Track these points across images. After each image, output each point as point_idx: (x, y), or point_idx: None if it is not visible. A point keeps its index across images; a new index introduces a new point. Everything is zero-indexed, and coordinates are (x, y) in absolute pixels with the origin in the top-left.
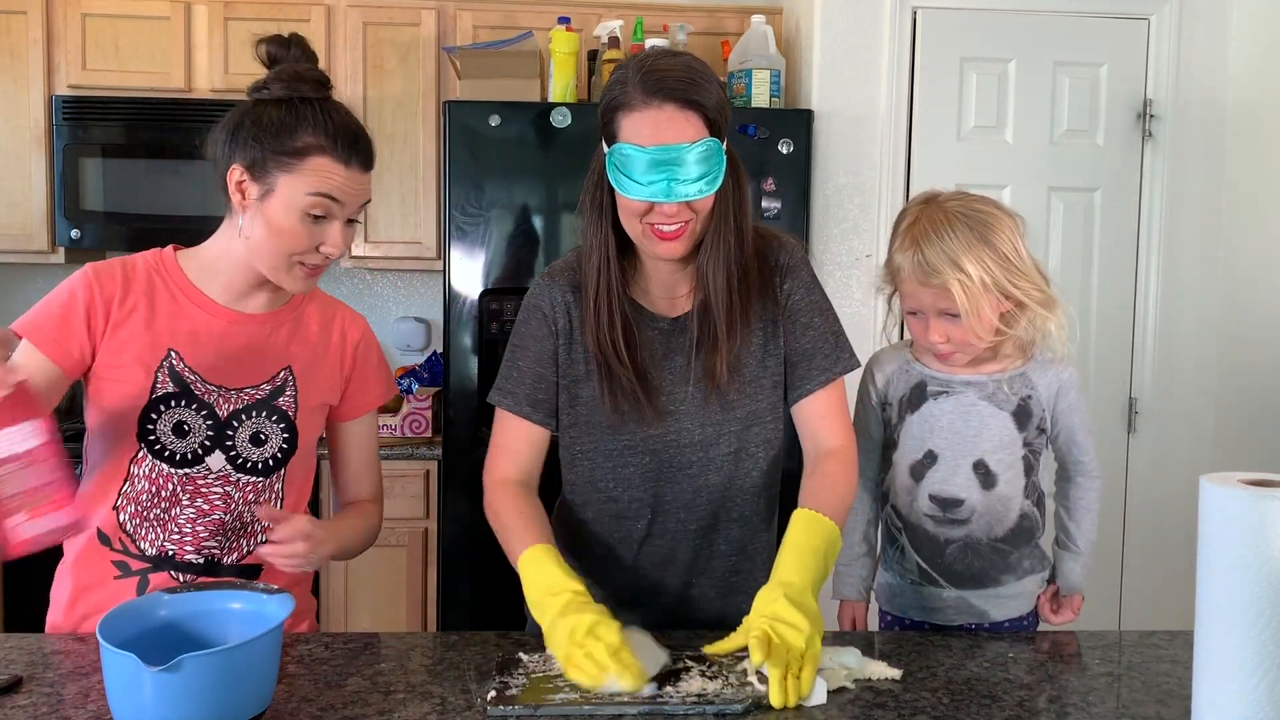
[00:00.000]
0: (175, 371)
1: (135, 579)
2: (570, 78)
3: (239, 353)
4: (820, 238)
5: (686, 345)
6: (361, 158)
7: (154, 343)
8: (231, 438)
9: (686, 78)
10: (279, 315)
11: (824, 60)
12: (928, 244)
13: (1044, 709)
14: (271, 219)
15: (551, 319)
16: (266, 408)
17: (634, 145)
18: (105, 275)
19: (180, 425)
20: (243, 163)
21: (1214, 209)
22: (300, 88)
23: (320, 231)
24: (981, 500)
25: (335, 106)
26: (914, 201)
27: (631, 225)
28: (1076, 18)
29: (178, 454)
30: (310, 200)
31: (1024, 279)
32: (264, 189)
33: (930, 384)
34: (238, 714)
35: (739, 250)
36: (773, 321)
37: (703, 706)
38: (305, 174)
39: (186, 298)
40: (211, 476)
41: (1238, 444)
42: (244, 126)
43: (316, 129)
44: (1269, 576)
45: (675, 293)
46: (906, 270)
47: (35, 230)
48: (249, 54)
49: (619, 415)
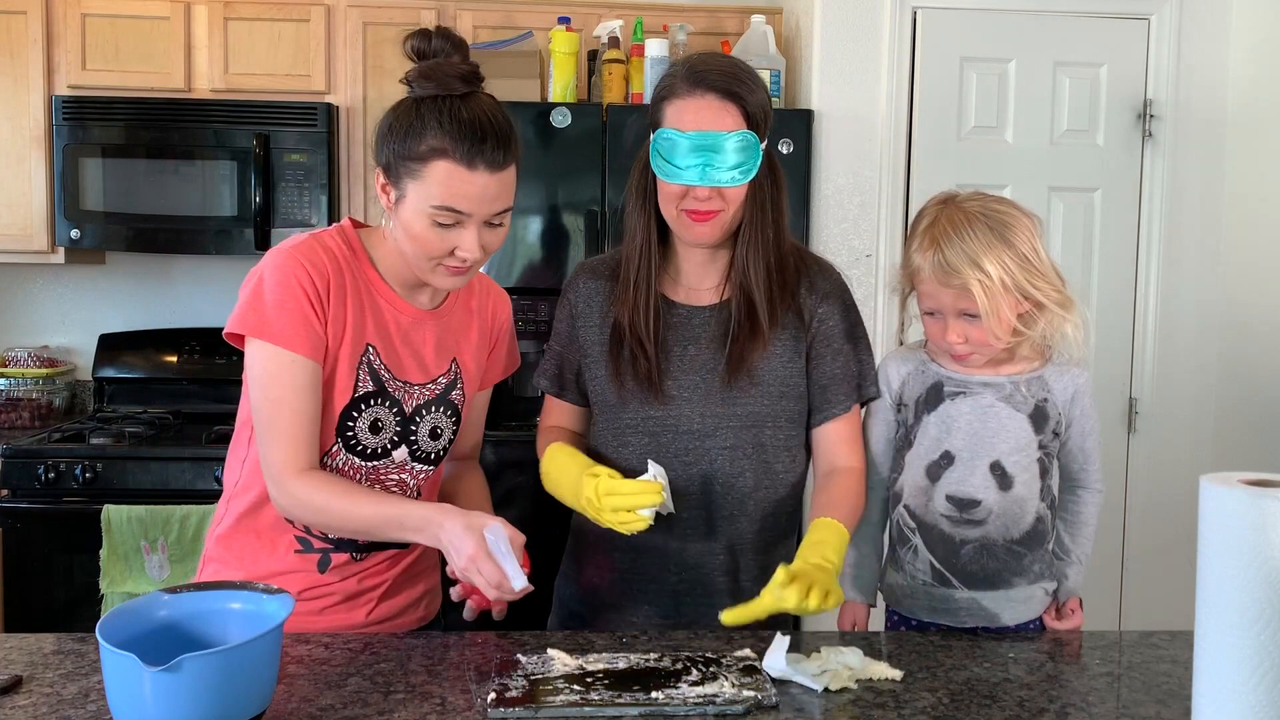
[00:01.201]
0: (373, 369)
1: (317, 555)
2: (570, 78)
3: (420, 348)
4: (820, 238)
5: (701, 337)
6: (489, 159)
7: (356, 338)
8: (415, 433)
9: (730, 73)
10: (448, 307)
11: (824, 60)
12: (948, 244)
13: (1044, 709)
14: (407, 225)
15: (573, 305)
16: (443, 403)
17: (675, 130)
18: (313, 262)
19: (375, 423)
20: (382, 166)
21: (1214, 209)
22: (431, 85)
23: (453, 236)
24: (998, 501)
25: (469, 103)
26: (931, 202)
27: (668, 209)
28: (1076, 18)
29: (369, 449)
30: (434, 211)
31: (1042, 279)
32: (398, 195)
33: (947, 384)
34: (238, 714)
35: (777, 247)
36: (794, 338)
37: (703, 707)
38: (428, 182)
39: (375, 291)
40: (393, 466)
41: (1238, 444)
42: (384, 129)
43: (440, 131)
44: (1269, 576)
45: (702, 284)
46: (926, 271)
47: (35, 230)
48: (249, 54)
49: (623, 391)
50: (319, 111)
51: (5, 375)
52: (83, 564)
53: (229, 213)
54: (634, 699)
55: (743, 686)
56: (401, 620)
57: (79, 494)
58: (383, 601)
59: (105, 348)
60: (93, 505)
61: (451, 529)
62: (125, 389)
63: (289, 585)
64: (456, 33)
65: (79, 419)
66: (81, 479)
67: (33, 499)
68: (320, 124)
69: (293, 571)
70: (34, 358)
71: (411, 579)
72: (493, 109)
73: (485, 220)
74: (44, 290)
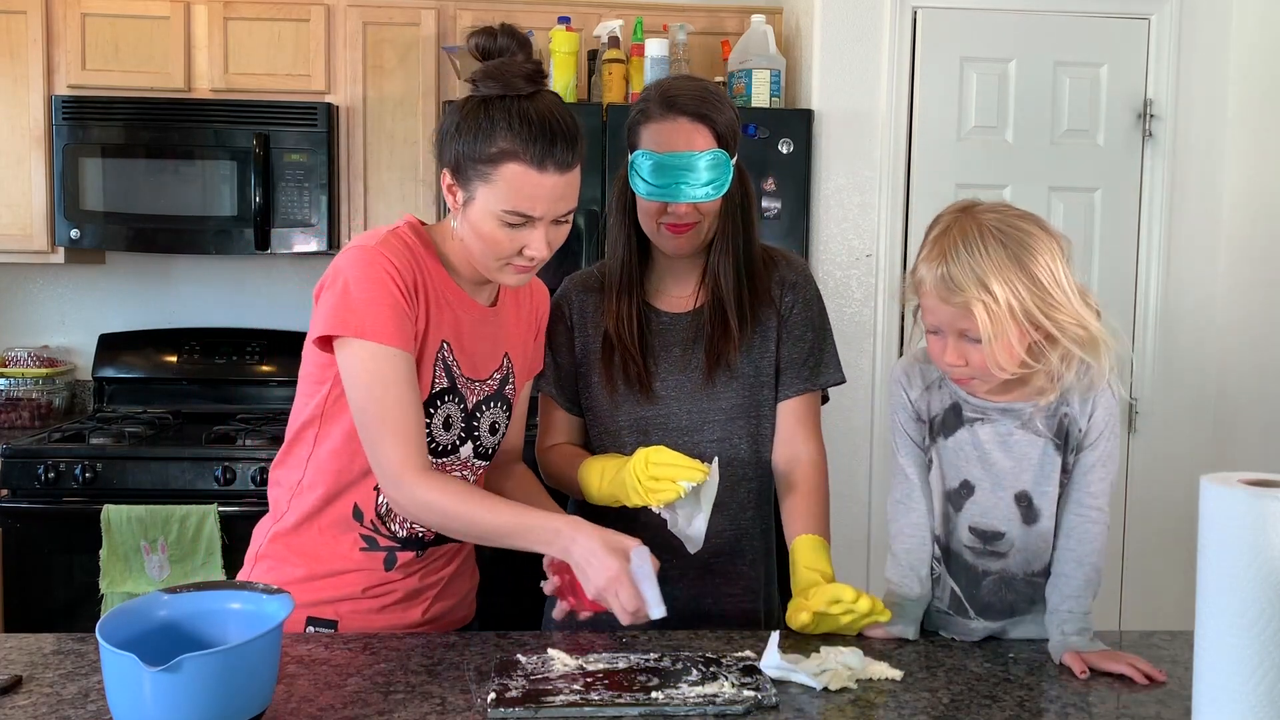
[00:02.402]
0: (447, 365)
1: (383, 554)
2: (570, 78)
3: (479, 345)
4: (820, 238)
5: (683, 340)
6: (559, 159)
7: (434, 335)
8: (477, 428)
9: (700, 96)
10: (500, 303)
11: (824, 60)
12: (955, 258)
13: (1044, 709)
14: (475, 226)
15: (568, 317)
16: (500, 398)
17: (650, 152)
18: (398, 255)
19: (448, 420)
20: (450, 167)
21: (1214, 209)
22: (496, 85)
23: (522, 236)
24: (1021, 534)
25: (536, 103)
26: (950, 209)
27: (648, 224)
28: (1076, 18)
29: (442, 446)
30: (505, 213)
31: (1060, 311)
32: (467, 196)
33: (965, 408)
34: (238, 714)
35: (747, 253)
36: (770, 329)
37: (703, 708)
38: (498, 185)
39: (444, 288)
40: (458, 462)
41: (1238, 444)
42: (450, 128)
43: (509, 132)
44: (1269, 576)
45: (682, 291)
46: (928, 284)
47: (35, 230)
48: (249, 54)
49: (615, 394)
50: (319, 111)
51: (5, 375)
52: (83, 564)
53: (229, 213)
54: (634, 699)
55: (743, 686)
56: (450, 619)
57: (79, 494)
58: (438, 601)
59: (105, 348)
60: (92, 505)
61: (589, 546)
62: (125, 389)
63: (352, 583)
64: (521, 30)
65: (79, 419)
66: (81, 479)
67: (33, 499)
68: (320, 124)
69: (357, 569)
70: (34, 358)
71: (462, 576)
72: (559, 108)
73: (553, 220)
74: (44, 290)
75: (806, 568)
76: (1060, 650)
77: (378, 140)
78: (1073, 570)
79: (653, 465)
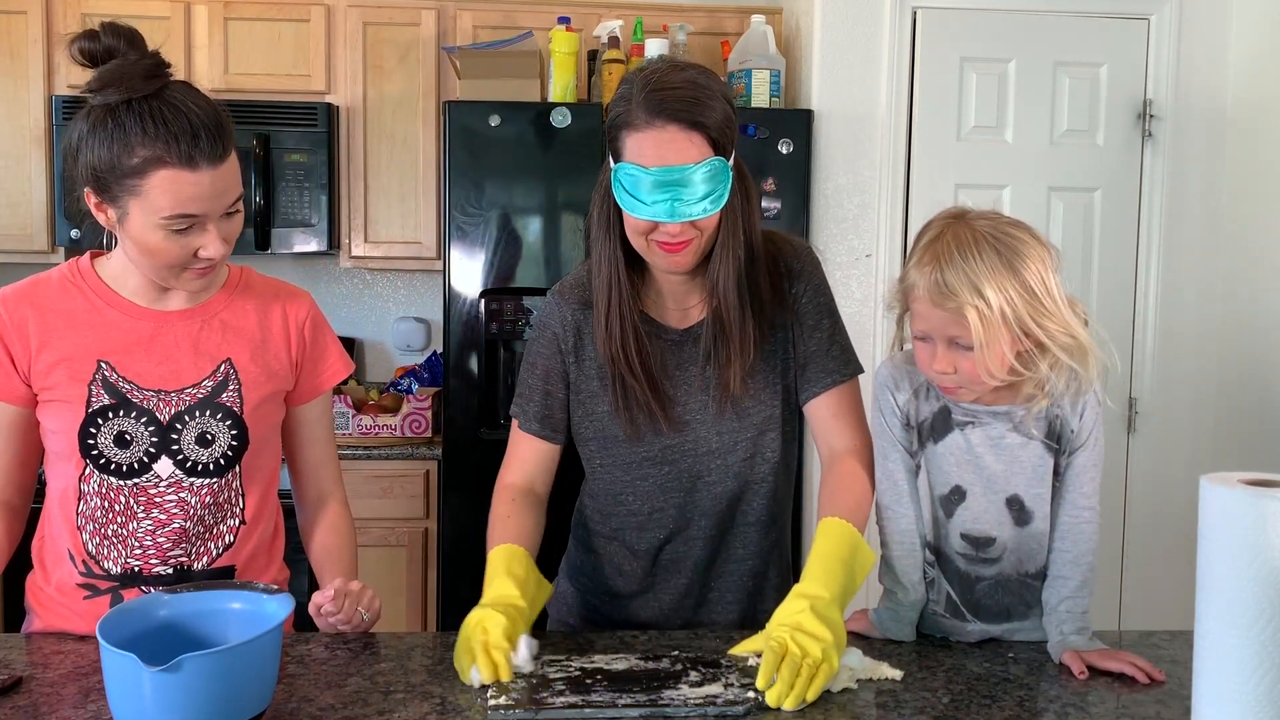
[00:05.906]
0: (109, 382)
1: (106, 598)
2: (570, 78)
3: (171, 353)
4: (820, 238)
5: (699, 356)
6: (208, 154)
7: (82, 356)
8: (177, 441)
9: (690, 97)
10: (209, 308)
11: (824, 60)
12: (949, 263)
13: (1044, 709)
14: (139, 240)
15: (561, 338)
16: (210, 406)
17: (638, 165)
18: (13, 300)
19: (121, 436)
20: (90, 186)
21: (1214, 209)
22: (117, 91)
23: (193, 239)
24: (1013, 537)
25: (165, 100)
26: (940, 215)
27: (637, 241)
28: (1076, 18)
29: (123, 465)
30: (166, 221)
31: (1050, 319)
32: (120, 213)
33: (956, 412)
34: (238, 714)
35: (749, 262)
36: (784, 327)
37: (704, 708)
38: (151, 195)
39: (107, 304)
40: (163, 484)
41: (1238, 444)
42: (74, 143)
43: (147, 138)
44: (1269, 576)
45: (685, 304)
46: (921, 289)
47: (35, 230)
48: (249, 54)
49: (634, 427)
50: (319, 111)
51: None
52: None
53: None
54: (634, 700)
55: (743, 687)
56: None
57: None
58: None
59: None
60: None
61: None
62: None
63: None
64: (124, 24)
65: None
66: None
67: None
68: (320, 124)
69: None
70: None
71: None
72: (194, 98)
73: (223, 213)
74: None
75: (797, 594)
76: (1059, 650)
77: (378, 140)
78: (1070, 571)
79: (477, 637)
